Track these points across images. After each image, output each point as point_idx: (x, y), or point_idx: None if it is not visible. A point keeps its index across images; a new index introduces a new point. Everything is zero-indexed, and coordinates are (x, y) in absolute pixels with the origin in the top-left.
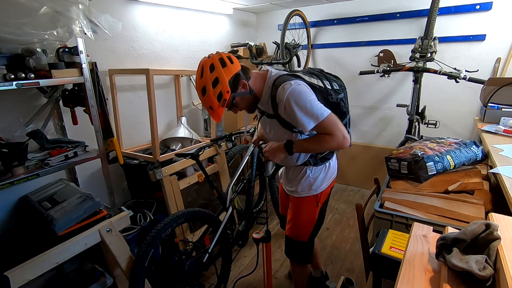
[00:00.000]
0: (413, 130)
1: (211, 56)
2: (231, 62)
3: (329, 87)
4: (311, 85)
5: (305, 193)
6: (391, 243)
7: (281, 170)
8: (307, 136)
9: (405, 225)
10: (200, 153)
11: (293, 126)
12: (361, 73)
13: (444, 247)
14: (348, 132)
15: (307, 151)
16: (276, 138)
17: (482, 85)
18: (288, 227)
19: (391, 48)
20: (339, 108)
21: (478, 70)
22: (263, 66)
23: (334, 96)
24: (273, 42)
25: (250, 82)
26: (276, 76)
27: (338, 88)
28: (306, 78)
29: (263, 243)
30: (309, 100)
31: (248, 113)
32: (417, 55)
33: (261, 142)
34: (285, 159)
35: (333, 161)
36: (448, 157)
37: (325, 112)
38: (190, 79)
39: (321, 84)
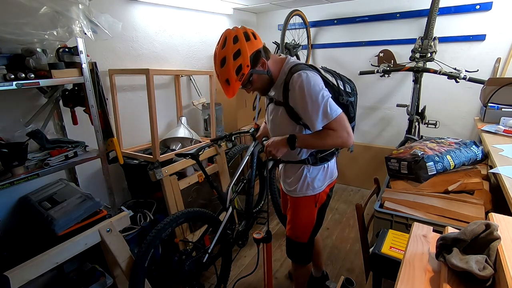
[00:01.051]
0: (413, 130)
1: (236, 29)
2: (255, 38)
3: (341, 87)
4: (326, 81)
5: (303, 193)
6: (391, 243)
7: (279, 169)
8: (310, 132)
9: (405, 225)
10: (200, 153)
11: (299, 118)
12: (361, 73)
13: (444, 247)
14: None
15: (310, 146)
16: (278, 127)
17: (482, 85)
18: (288, 228)
19: (391, 48)
20: (347, 111)
21: (478, 70)
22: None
23: (345, 98)
24: (273, 42)
25: (269, 62)
26: (294, 64)
27: (350, 91)
28: (322, 72)
29: (263, 243)
30: (323, 95)
31: (260, 96)
32: (417, 55)
33: (264, 138)
34: (287, 153)
35: (332, 163)
36: (448, 157)
37: (338, 110)
38: (190, 79)
39: (334, 82)
